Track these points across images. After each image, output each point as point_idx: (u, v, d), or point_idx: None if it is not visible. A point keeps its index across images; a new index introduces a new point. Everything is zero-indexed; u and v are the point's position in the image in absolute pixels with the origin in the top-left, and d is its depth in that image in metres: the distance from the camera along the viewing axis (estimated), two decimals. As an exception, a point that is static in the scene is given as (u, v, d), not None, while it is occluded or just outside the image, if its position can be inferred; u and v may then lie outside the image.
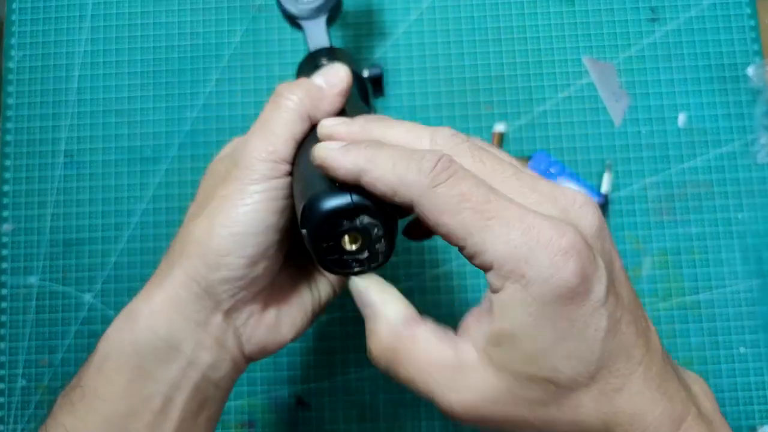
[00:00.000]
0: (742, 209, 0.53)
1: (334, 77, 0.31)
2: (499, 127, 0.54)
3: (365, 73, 0.40)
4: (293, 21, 0.43)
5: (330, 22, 0.43)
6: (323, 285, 0.33)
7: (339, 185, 0.25)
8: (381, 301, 0.25)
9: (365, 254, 0.25)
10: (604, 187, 0.52)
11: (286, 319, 0.31)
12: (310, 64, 0.39)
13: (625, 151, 0.54)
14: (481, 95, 0.55)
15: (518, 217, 0.22)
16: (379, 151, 0.23)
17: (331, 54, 0.39)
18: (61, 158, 0.55)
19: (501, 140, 0.54)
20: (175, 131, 0.55)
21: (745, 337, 0.51)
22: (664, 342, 0.51)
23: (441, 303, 0.52)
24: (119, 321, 0.28)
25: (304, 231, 0.25)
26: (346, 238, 0.25)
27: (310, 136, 0.29)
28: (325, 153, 0.24)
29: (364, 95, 0.42)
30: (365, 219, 0.25)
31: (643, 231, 0.53)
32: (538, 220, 0.22)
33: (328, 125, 0.27)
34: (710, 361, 0.51)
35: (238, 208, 0.27)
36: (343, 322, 0.52)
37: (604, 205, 0.52)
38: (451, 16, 0.56)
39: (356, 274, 0.26)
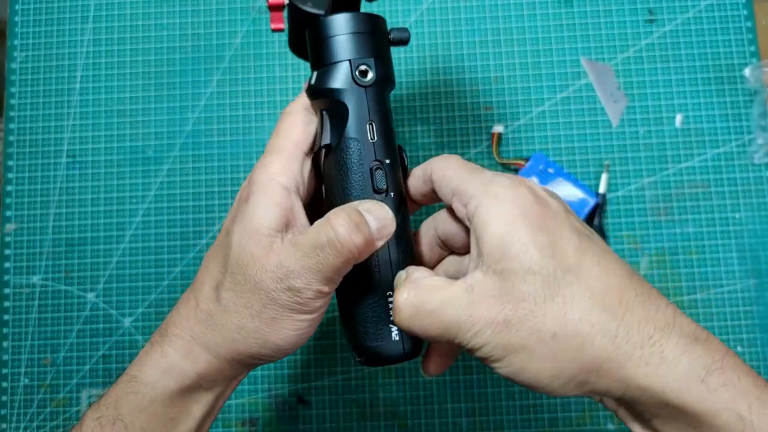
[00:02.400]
0: (739, 209, 0.53)
1: (387, 230, 0.30)
2: (498, 128, 0.54)
3: (391, 35, 0.34)
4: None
5: None
6: None
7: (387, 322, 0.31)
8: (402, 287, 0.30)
9: None
10: (602, 188, 0.53)
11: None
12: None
13: (623, 151, 0.54)
14: (480, 96, 0.55)
15: (483, 177, 0.30)
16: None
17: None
18: (64, 158, 0.55)
19: (499, 141, 0.54)
20: (177, 131, 0.55)
21: (742, 336, 0.52)
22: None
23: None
24: (161, 372, 0.31)
25: (359, 359, 0.33)
26: None
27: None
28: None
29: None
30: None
31: (641, 231, 0.53)
32: (494, 175, 0.30)
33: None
34: (707, 359, 0.51)
35: (290, 331, 0.30)
36: (341, 321, 0.52)
37: (602, 205, 0.53)
38: (451, 17, 0.56)
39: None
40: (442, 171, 0.32)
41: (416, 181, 0.34)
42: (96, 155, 0.55)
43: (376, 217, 0.29)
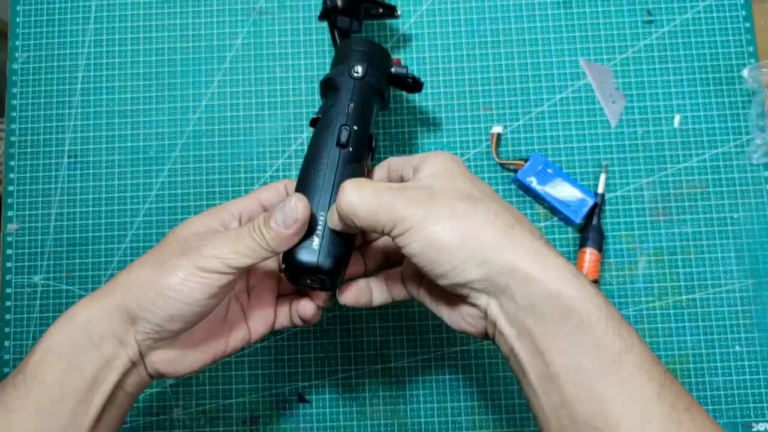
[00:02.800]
0: (737, 209, 0.53)
1: (291, 220, 0.34)
2: (497, 129, 0.54)
3: (393, 69, 0.46)
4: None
5: None
6: (235, 339, 0.40)
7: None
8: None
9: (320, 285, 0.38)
10: (601, 188, 0.53)
11: (187, 360, 0.37)
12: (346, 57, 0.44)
13: (622, 151, 0.54)
14: (479, 96, 0.55)
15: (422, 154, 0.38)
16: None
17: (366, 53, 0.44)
18: (65, 158, 0.55)
19: (498, 141, 0.54)
20: (178, 132, 0.56)
21: (740, 335, 0.52)
22: (659, 341, 0.52)
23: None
24: (62, 320, 0.33)
25: (283, 267, 0.38)
26: (308, 281, 0.38)
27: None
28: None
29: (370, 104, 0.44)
30: (321, 276, 0.37)
31: (640, 231, 0.53)
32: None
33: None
34: (706, 359, 0.51)
35: (181, 280, 0.33)
36: (342, 320, 0.53)
37: (601, 205, 0.53)
38: (450, 18, 0.57)
39: (314, 288, 0.39)
40: (396, 159, 0.41)
41: (380, 173, 0.41)
42: (97, 155, 0.55)
43: (283, 211, 0.34)
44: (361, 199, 0.33)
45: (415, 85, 0.48)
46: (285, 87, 0.56)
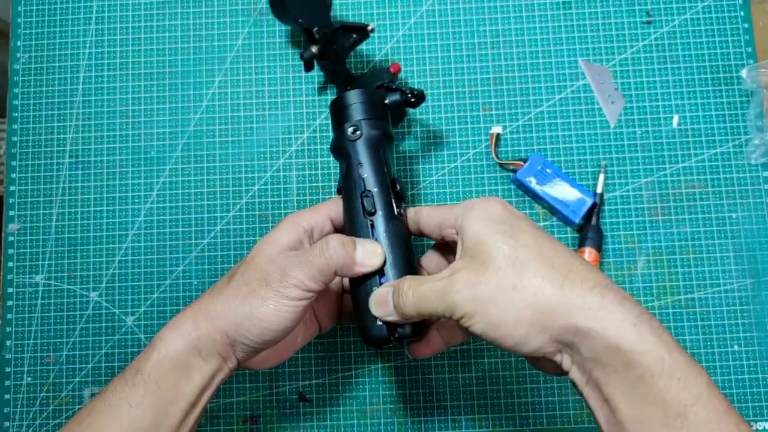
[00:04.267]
0: (735, 209, 0.54)
1: (370, 261, 0.39)
2: (496, 129, 0.54)
3: (387, 99, 0.46)
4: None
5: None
6: (307, 334, 0.45)
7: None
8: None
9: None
10: (600, 188, 0.53)
11: (273, 358, 0.44)
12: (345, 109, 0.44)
13: (621, 151, 0.54)
14: (479, 97, 0.56)
15: (461, 203, 0.39)
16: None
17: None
18: (67, 158, 0.56)
19: (498, 141, 0.54)
20: (179, 132, 0.56)
21: (739, 335, 0.52)
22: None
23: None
24: (174, 332, 0.38)
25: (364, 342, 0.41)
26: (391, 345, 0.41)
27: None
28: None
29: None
30: (405, 340, 0.40)
31: (638, 230, 0.53)
32: (470, 200, 0.39)
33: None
34: (705, 359, 0.52)
35: (271, 309, 0.37)
36: (343, 320, 0.53)
37: (600, 205, 0.53)
38: (450, 19, 0.57)
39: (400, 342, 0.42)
40: (427, 216, 0.41)
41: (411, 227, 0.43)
42: (98, 155, 0.56)
43: (364, 248, 0.39)
44: (417, 296, 0.36)
45: (418, 100, 0.47)
46: (285, 87, 0.56)
